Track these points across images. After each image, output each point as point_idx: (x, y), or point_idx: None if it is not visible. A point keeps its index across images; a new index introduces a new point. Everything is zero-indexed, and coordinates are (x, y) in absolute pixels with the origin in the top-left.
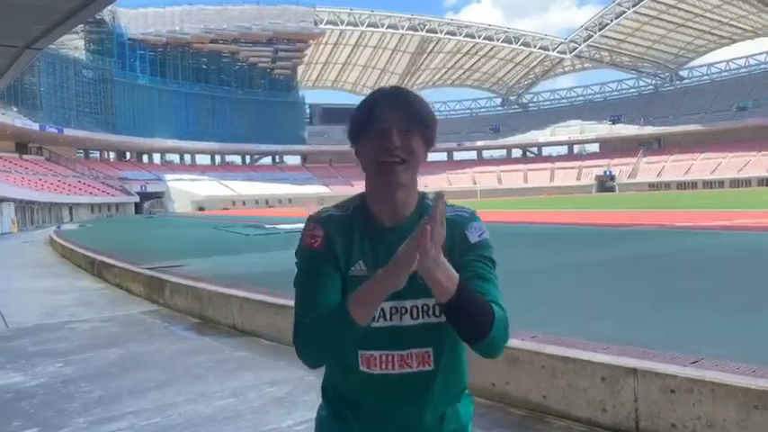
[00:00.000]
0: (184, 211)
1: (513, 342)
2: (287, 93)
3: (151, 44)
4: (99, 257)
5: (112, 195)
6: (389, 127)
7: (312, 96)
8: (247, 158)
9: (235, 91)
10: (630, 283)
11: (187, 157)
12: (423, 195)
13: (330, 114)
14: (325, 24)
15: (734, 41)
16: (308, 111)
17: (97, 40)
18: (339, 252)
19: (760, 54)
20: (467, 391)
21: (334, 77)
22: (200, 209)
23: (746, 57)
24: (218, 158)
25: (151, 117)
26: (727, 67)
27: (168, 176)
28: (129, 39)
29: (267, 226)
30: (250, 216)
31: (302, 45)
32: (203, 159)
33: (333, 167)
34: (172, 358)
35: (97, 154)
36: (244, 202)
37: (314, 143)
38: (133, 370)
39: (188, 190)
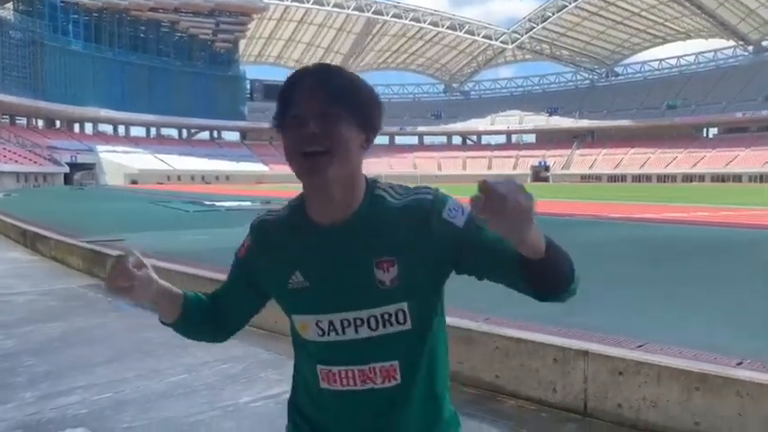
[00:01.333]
0: (117, 184)
1: (467, 323)
2: (227, 67)
3: (86, 8)
4: (32, 229)
5: (40, 165)
6: (305, 112)
7: (254, 72)
8: (184, 132)
9: (173, 62)
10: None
11: (121, 129)
12: (372, 184)
13: (271, 91)
14: None
15: (666, 41)
16: (248, 86)
17: (27, 1)
18: (263, 263)
19: (690, 55)
20: (452, 409)
21: (278, 53)
22: (134, 182)
23: (678, 57)
24: (153, 131)
25: (84, 85)
26: (660, 66)
27: (100, 147)
28: (62, 1)
29: (206, 203)
30: (187, 192)
31: (245, 18)
32: (138, 131)
33: (273, 146)
34: (118, 333)
35: (24, 121)
36: (179, 178)
37: (254, 120)
38: (78, 345)
39: (121, 162)
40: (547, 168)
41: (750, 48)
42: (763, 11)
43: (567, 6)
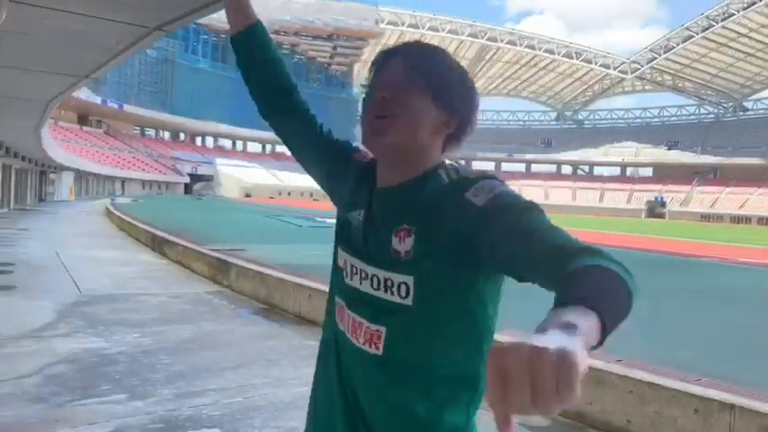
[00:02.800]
0: (232, 196)
1: (598, 364)
2: (341, 89)
3: (214, 29)
4: (161, 234)
5: (164, 174)
6: (385, 82)
7: None
8: None
9: None
10: (706, 315)
11: (239, 144)
12: (439, 163)
13: None
14: (386, 24)
15: None
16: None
17: None
18: (348, 181)
19: None
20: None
21: None
22: (248, 195)
23: None
24: (268, 147)
25: (207, 101)
26: None
27: (219, 161)
28: (194, 23)
29: (318, 219)
30: (298, 207)
31: (361, 43)
32: (254, 147)
33: None
34: (244, 340)
35: (153, 132)
36: (290, 193)
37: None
38: (208, 348)
39: (237, 176)
40: (663, 204)
41: None
42: None
43: (693, 37)
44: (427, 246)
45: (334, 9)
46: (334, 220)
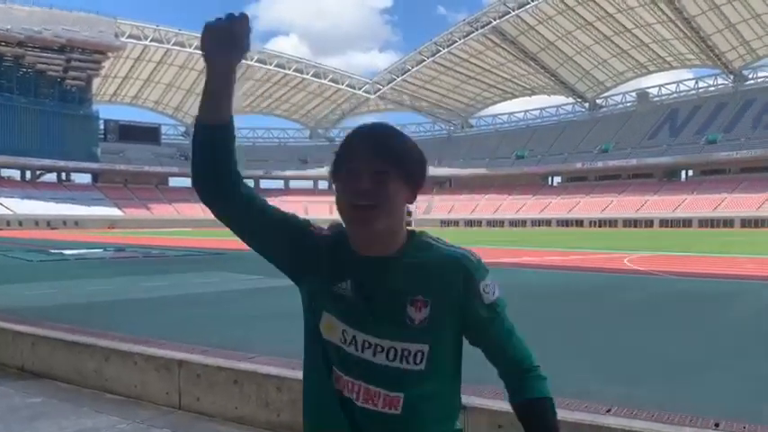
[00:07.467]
0: None
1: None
2: (79, 105)
3: None
4: None
5: None
6: (360, 168)
7: (108, 112)
8: (27, 174)
9: (17, 99)
10: None
11: None
12: (418, 233)
13: (128, 132)
14: (128, 38)
15: (515, 96)
16: (102, 126)
17: None
18: (324, 261)
19: (535, 110)
20: None
21: (135, 94)
22: None
23: (525, 111)
24: None
25: None
26: (509, 119)
27: None
28: None
29: (53, 251)
30: (30, 239)
31: (100, 57)
32: None
33: (128, 188)
34: None
35: None
36: (20, 223)
37: (108, 162)
38: None
39: None
40: (409, 213)
41: (586, 105)
42: (596, 72)
43: (424, 61)
44: (441, 318)
45: (66, 19)
46: (71, 251)
